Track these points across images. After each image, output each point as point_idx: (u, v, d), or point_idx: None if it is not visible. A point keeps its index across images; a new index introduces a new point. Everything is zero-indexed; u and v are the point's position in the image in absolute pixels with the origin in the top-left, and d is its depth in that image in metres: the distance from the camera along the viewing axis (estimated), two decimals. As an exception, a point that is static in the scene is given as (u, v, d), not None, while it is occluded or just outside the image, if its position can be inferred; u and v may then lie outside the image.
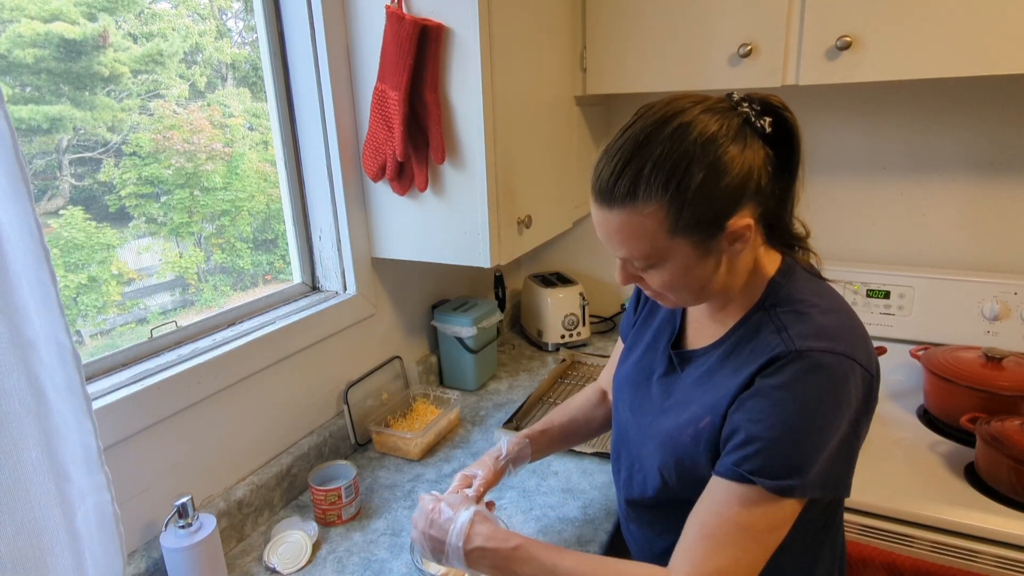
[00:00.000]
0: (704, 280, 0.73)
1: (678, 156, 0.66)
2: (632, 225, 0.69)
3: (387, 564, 1.00)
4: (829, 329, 0.69)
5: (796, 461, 0.66)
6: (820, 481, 0.67)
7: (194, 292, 1.23)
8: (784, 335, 0.69)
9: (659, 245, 0.69)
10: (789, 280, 0.75)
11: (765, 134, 0.70)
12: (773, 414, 0.67)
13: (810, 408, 0.66)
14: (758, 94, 0.72)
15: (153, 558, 0.93)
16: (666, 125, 0.67)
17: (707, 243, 0.69)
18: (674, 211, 0.67)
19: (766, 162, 0.70)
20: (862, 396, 0.68)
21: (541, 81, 1.37)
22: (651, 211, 0.67)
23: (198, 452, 1.03)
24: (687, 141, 0.66)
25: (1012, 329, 1.43)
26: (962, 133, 1.51)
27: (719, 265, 0.73)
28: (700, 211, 0.67)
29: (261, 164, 1.29)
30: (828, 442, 0.66)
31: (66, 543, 0.73)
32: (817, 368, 0.66)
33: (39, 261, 0.68)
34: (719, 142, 0.66)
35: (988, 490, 1.13)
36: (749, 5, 1.34)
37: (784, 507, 0.67)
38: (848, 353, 0.67)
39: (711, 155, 0.66)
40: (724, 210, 0.68)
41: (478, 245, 1.23)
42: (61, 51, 0.96)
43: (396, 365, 1.49)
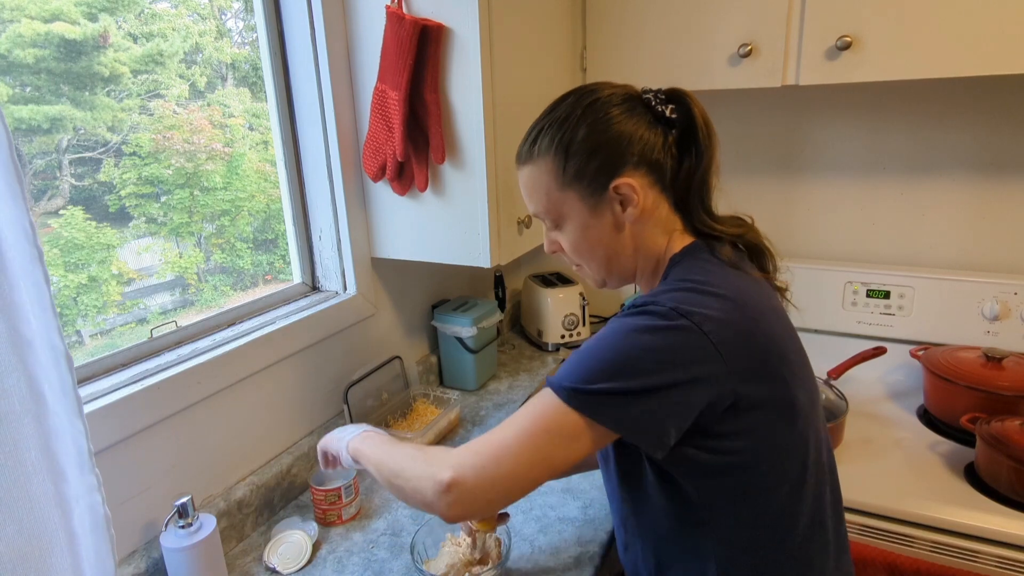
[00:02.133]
0: (610, 249, 0.79)
1: (567, 116, 0.76)
2: (532, 179, 0.81)
3: (387, 564, 1.00)
4: (686, 296, 0.69)
5: (582, 372, 0.68)
6: (608, 413, 0.67)
7: (194, 292, 1.23)
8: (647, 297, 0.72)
9: (553, 198, 0.79)
10: (688, 259, 0.77)
11: (668, 119, 0.76)
12: (591, 339, 0.72)
13: (614, 338, 0.68)
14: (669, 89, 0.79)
15: (153, 558, 0.93)
16: (569, 95, 0.78)
17: (596, 199, 0.76)
18: (560, 163, 0.77)
19: (665, 142, 0.76)
20: (684, 353, 0.66)
21: (541, 81, 1.37)
22: (544, 163, 0.78)
23: (198, 452, 1.03)
24: (579, 105, 0.76)
25: (1012, 329, 1.43)
26: (962, 133, 1.51)
27: (621, 235, 0.78)
28: (582, 163, 0.75)
29: (261, 164, 1.29)
30: (621, 372, 0.66)
31: (65, 543, 0.73)
32: (640, 313, 0.69)
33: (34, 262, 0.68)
34: (605, 105, 0.75)
35: (988, 490, 1.13)
36: (749, 5, 1.34)
37: (565, 414, 0.68)
38: (686, 313, 0.66)
39: (594, 115, 0.75)
40: (606, 164, 0.75)
41: (478, 245, 1.23)
42: (61, 51, 0.96)
43: (396, 365, 1.49)
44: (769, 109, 1.68)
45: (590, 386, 0.67)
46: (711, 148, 0.77)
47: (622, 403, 0.67)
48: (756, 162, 1.73)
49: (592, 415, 0.67)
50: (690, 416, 0.68)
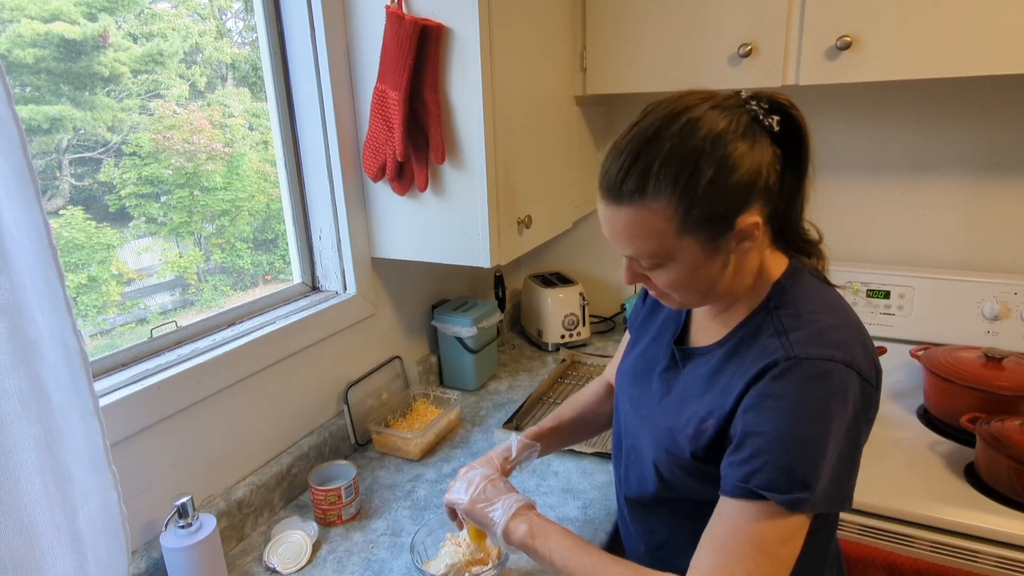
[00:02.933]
0: (711, 280, 0.72)
1: (687, 152, 0.65)
2: (639, 223, 0.68)
3: (387, 564, 1.00)
4: (829, 336, 0.68)
5: (803, 473, 0.65)
6: (825, 494, 0.66)
7: (194, 292, 1.23)
8: (784, 339, 0.69)
9: (667, 244, 0.69)
10: (794, 283, 0.75)
11: (772, 132, 0.69)
12: (776, 427, 0.66)
13: (812, 419, 0.65)
14: (765, 92, 0.71)
15: (153, 558, 0.93)
16: (675, 121, 0.66)
17: (716, 242, 0.68)
18: (683, 209, 0.66)
19: (774, 161, 0.69)
20: (860, 406, 0.68)
21: (541, 81, 1.37)
22: (659, 208, 0.66)
23: (198, 452, 1.03)
24: (696, 137, 0.65)
25: (1012, 329, 1.43)
26: (962, 133, 1.51)
27: (727, 265, 0.72)
28: (709, 209, 0.66)
29: (261, 164, 1.29)
30: (828, 453, 0.65)
31: (67, 544, 0.73)
32: (817, 377, 0.66)
33: (47, 260, 0.68)
34: (728, 139, 0.65)
35: (988, 490, 1.13)
36: (749, 5, 1.34)
37: (793, 520, 0.66)
38: (848, 361, 0.66)
39: (720, 152, 0.65)
40: (733, 207, 0.67)
41: (478, 245, 1.23)
42: (61, 51, 0.96)
43: (396, 365, 1.49)
44: (769, 109, 1.68)
45: (808, 493, 0.65)
46: (810, 159, 0.72)
47: (836, 482, 0.67)
48: (756, 162, 1.73)
49: (815, 510, 0.67)
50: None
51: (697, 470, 0.75)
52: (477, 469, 0.93)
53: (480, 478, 0.89)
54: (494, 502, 0.85)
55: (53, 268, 0.68)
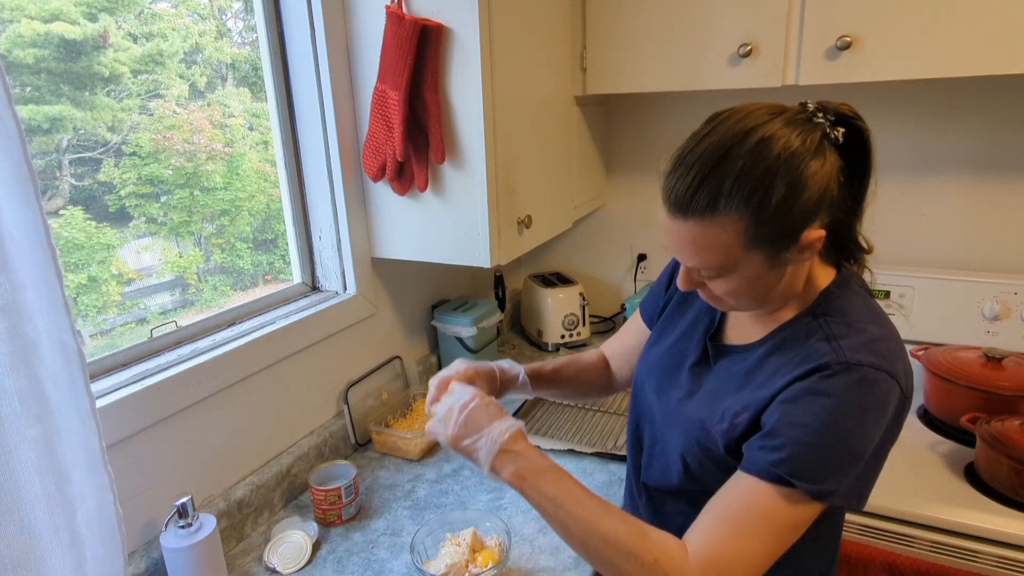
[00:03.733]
0: (768, 288, 0.74)
1: (762, 171, 0.65)
2: (708, 237, 0.69)
3: (387, 564, 1.00)
4: (879, 346, 0.70)
5: (833, 468, 0.67)
6: (850, 491, 0.69)
7: (194, 292, 1.23)
8: (835, 344, 0.71)
9: (733, 257, 0.69)
10: (843, 293, 0.76)
11: (838, 144, 0.69)
12: (817, 420, 0.67)
13: (853, 420, 0.67)
14: (831, 104, 0.71)
15: (153, 558, 0.93)
16: (747, 138, 0.66)
17: (780, 255, 0.70)
18: (752, 225, 0.67)
19: (839, 173, 0.69)
20: (896, 414, 0.71)
21: (541, 81, 1.37)
22: (729, 224, 0.67)
23: (198, 452, 1.03)
24: (771, 156, 0.65)
25: (1012, 329, 1.43)
26: (962, 133, 1.51)
27: (786, 275, 0.73)
28: (779, 226, 0.67)
29: (261, 164, 1.29)
30: (864, 455, 0.68)
31: (66, 544, 0.73)
32: (864, 382, 0.68)
33: (46, 260, 0.68)
34: (802, 157, 0.66)
35: (988, 490, 1.13)
36: (749, 5, 1.34)
37: (808, 509, 0.69)
38: (892, 372, 0.69)
39: (794, 171, 0.65)
40: (801, 224, 0.68)
41: (478, 245, 1.23)
42: (61, 51, 0.96)
43: (396, 365, 1.49)
44: (769, 109, 1.68)
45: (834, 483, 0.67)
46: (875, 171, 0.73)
47: (856, 480, 0.69)
48: (756, 162, 1.73)
49: (838, 503, 0.69)
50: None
51: (726, 463, 0.76)
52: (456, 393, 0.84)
53: (459, 408, 0.81)
54: (478, 436, 0.79)
55: (52, 268, 0.68)
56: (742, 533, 0.68)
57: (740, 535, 0.68)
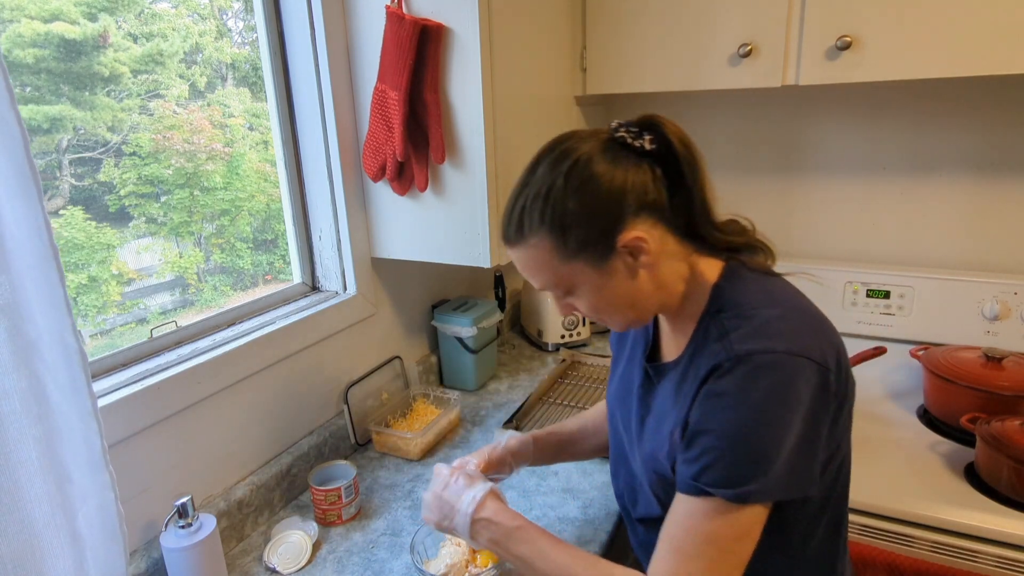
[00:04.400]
0: (629, 298, 0.75)
1: (549, 187, 0.70)
2: (530, 259, 0.75)
3: (387, 564, 1.00)
4: (772, 328, 0.68)
5: (750, 467, 0.65)
6: (780, 483, 0.66)
7: (194, 292, 1.23)
8: (725, 341, 0.69)
9: (560, 272, 0.73)
10: (733, 283, 0.75)
11: (647, 151, 0.71)
12: (721, 423, 0.66)
13: (757, 412, 0.65)
14: (635, 118, 0.74)
15: (153, 558, 0.93)
16: (541, 162, 0.72)
17: (605, 261, 0.71)
18: (558, 238, 0.71)
19: (653, 178, 0.71)
20: (816, 391, 0.67)
21: (541, 81, 1.37)
22: (538, 243, 0.72)
23: (198, 452, 1.03)
24: (556, 171, 0.70)
25: (1012, 329, 1.43)
26: (962, 133, 1.51)
27: (637, 280, 0.73)
28: (583, 232, 0.70)
29: (261, 164, 1.29)
30: (782, 443, 0.65)
31: (67, 544, 0.73)
32: (759, 371, 0.66)
33: (47, 260, 0.68)
34: (586, 166, 0.69)
35: (988, 490, 1.13)
36: (749, 5, 1.34)
37: (746, 514, 0.67)
38: (793, 350, 0.66)
39: (577, 180, 0.69)
40: (608, 227, 0.70)
41: (478, 245, 1.23)
42: (61, 51, 0.96)
43: (396, 365, 1.49)
44: (769, 109, 1.68)
45: (759, 482, 0.65)
46: (698, 167, 0.73)
47: (789, 471, 0.66)
48: (756, 162, 1.73)
49: (769, 499, 0.67)
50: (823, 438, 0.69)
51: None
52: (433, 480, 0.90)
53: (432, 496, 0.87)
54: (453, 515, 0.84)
55: (54, 268, 0.68)
56: (690, 558, 0.67)
57: (688, 560, 0.67)
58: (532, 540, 0.78)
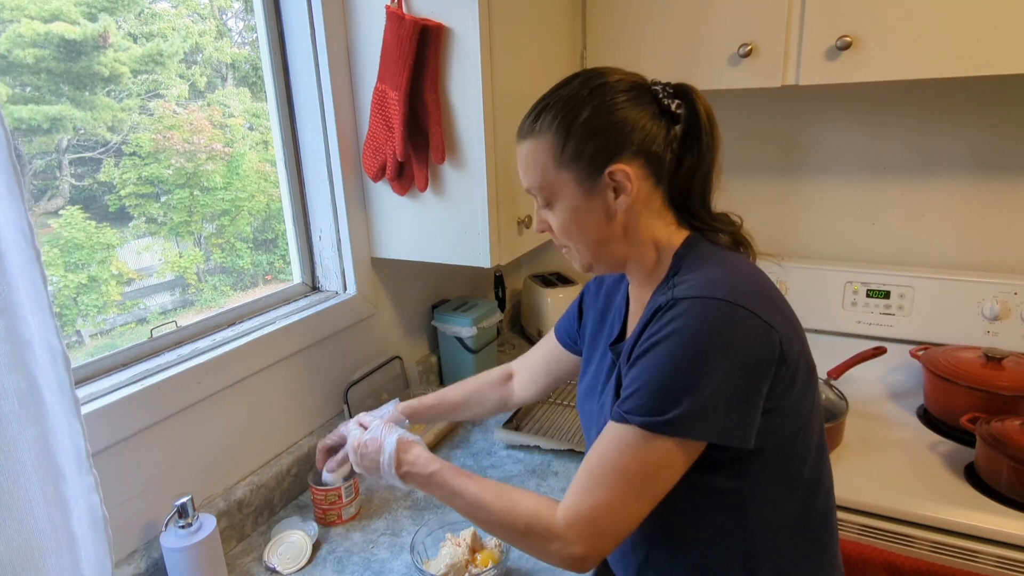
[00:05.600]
0: (598, 233, 0.78)
1: (573, 95, 0.75)
2: (531, 153, 0.78)
3: (387, 564, 1.00)
4: (715, 281, 0.69)
5: (665, 399, 0.66)
6: (698, 423, 0.66)
7: (194, 292, 1.23)
8: (670, 291, 0.71)
9: (548, 176, 0.77)
10: (692, 250, 0.77)
11: (673, 113, 0.75)
12: (650, 358, 0.68)
13: (682, 348, 0.66)
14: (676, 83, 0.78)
15: (153, 558, 0.93)
16: (578, 76, 0.78)
17: (590, 184, 0.75)
18: (560, 141, 0.75)
19: (667, 136, 0.75)
20: (753, 343, 0.66)
21: (541, 81, 1.37)
22: (544, 140, 0.76)
23: (198, 452, 1.03)
24: (586, 87, 0.75)
25: (1012, 329, 1.43)
26: (962, 133, 1.51)
27: (612, 222, 0.77)
28: (581, 144, 0.74)
29: (261, 164, 1.29)
30: (703, 382, 0.65)
31: (64, 543, 0.73)
32: (691, 310, 0.67)
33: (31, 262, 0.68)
34: (611, 90, 0.74)
35: (988, 490, 1.13)
36: (749, 5, 1.34)
37: (658, 447, 0.67)
38: (731, 299, 0.67)
39: (599, 98, 0.74)
40: (604, 149, 0.73)
41: (478, 245, 1.23)
42: (61, 51, 0.96)
43: (396, 365, 1.49)
44: (769, 109, 1.68)
45: (676, 411, 0.65)
46: (714, 147, 0.76)
47: (711, 411, 0.66)
48: (756, 162, 1.73)
49: (686, 436, 0.67)
50: (765, 394, 0.68)
51: None
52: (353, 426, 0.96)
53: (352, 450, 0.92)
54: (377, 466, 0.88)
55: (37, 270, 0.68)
56: (597, 484, 0.69)
57: (596, 486, 0.69)
58: (446, 482, 0.81)
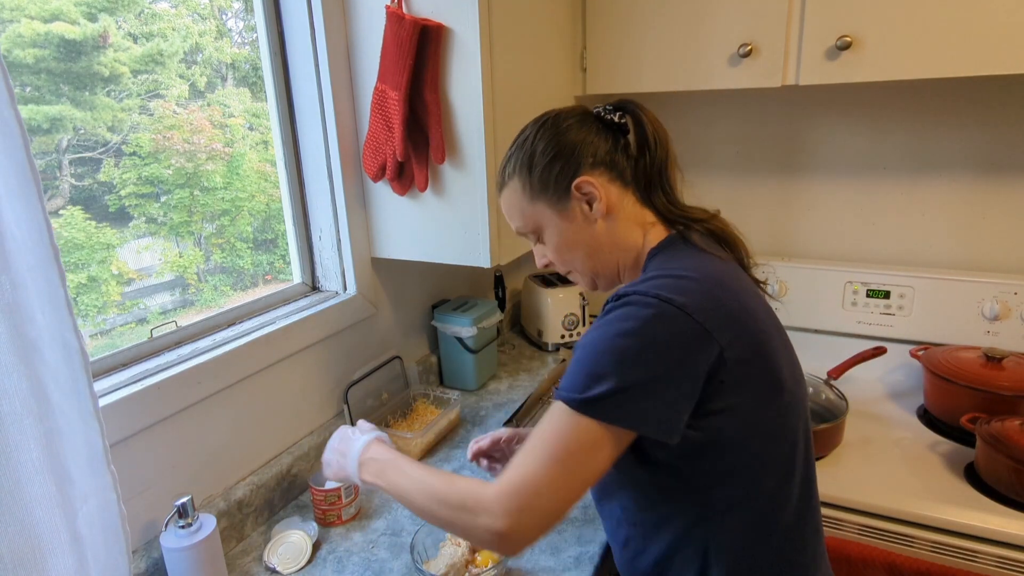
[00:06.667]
0: (587, 245, 0.84)
1: (526, 138, 0.84)
2: (508, 200, 0.87)
3: (387, 564, 1.00)
4: (665, 282, 0.72)
5: (588, 379, 0.68)
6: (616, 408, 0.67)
7: (194, 292, 1.23)
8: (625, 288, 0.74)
9: (527, 212, 0.85)
10: (664, 250, 0.81)
11: (618, 124, 0.83)
12: (586, 343, 0.72)
13: (613, 336, 0.69)
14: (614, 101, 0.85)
15: (153, 558, 0.93)
16: (530, 123, 0.86)
17: (564, 204, 0.82)
18: (525, 179, 0.83)
19: (615, 144, 0.82)
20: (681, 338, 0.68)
21: (541, 81, 1.37)
22: (514, 184, 0.85)
23: (198, 452, 1.03)
24: (536, 127, 0.84)
25: (1012, 329, 1.43)
26: (962, 133, 1.51)
27: (595, 229, 0.83)
28: (544, 174, 0.82)
29: (261, 164, 1.29)
30: (627, 371, 0.67)
31: (67, 544, 0.73)
32: (627, 306, 0.71)
33: (48, 261, 0.68)
34: (557, 121, 0.83)
35: (988, 490, 1.13)
36: (749, 5, 1.34)
37: (583, 427, 0.68)
38: (664, 297, 0.69)
39: (549, 131, 0.82)
40: (564, 170, 0.81)
41: (478, 245, 1.23)
42: (61, 51, 0.96)
43: (396, 365, 1.49)
44: (769, 109, 1.68)
45: (597, 391, 0.67)
46: (663, 142, 0.82)
47: (633, 400, 0.67)
48: (756, 162, 1.73)
49: (607, 419, 0.68)
50: (695, 396, 0.70)
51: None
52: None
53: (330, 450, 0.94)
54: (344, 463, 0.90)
55: (55, 268, 0.68)
56: (528, 458, 0.70)
57: (528, 460, 0.70)
58: (400, 467, 0.83)
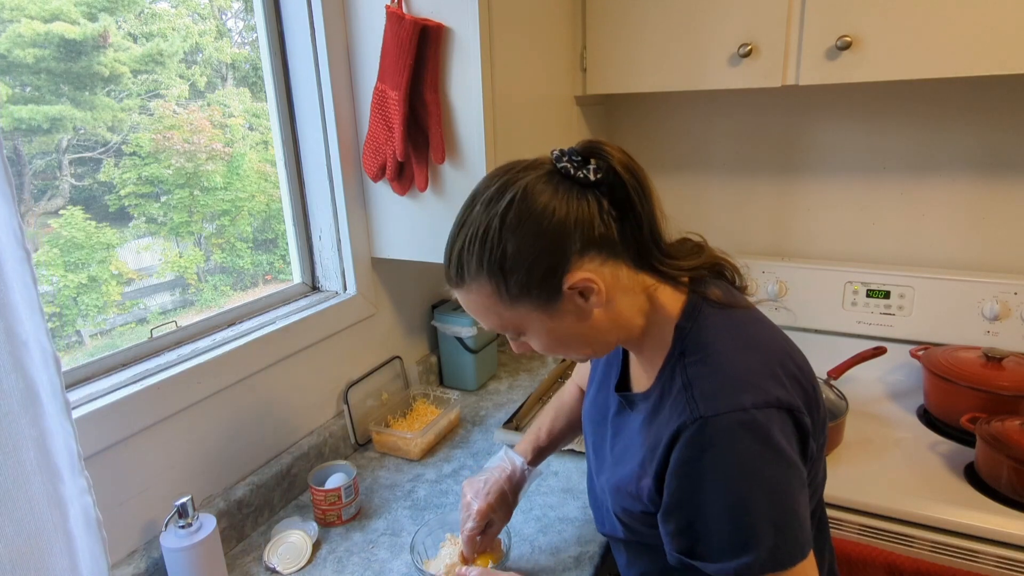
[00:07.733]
0: (583, 337, 0.71)
1: (485, 228, 0.65)
2: (473, 302, 0.70)
3: (387, 564, 1.00)
4: (738, 380, 0.64)
5: (740, 539, 0.61)
6: (775, 551, 0.61)
7: (194, 292, 1.23)
8: (689, 396, 0.65)
9: (506, 316, 0.69)
10: (694, 323, 0.70)
11: (592, 182, 0.65)
12: (700, 494, 0.63)
13: (734, 479, 0.61)
14: (580, 144, 0.68)
15: (153, 558, 0.93)
16: (477, 198, 0.68)
17: (553, 304, 0.67)
18: (498, 283, 0.66)
19: (599, 210, 0.65)
20: (792, 437, 0.64)
21: (541, 81, 1.37)
22: (480, 288, 0.67)
23: (198, 452, 1.03)
24: (492, 210, 0.65)
25: (1012, 329, 1.43)
26: (962, 133, 1.51)
27: (591, 320, 0.69)
28: (524, 277, 0.65)
29: (261, 164, 1.29)
30: (765, 507, 0.61)
31: (63, 543, 0.73)
32: (729, 432, 0.61)
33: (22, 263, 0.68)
34: (522, 204, 0.64)
35: (988, 490, 1.13)
36: (749, 5, 1.34)
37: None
38: (761, 403, 0.62)
39: (516, 219, 0.64)
40: (550, 269, 0.65)
41: (478, 245, 1.23)
42: (61, 51, 0.96)
43: (396, 365, 1.49)
44: (769, 109, 1.68)
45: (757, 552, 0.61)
46: (645, 195, 0.67)
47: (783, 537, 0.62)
48: (756, 162, 1.73)
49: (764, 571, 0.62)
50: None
51: (653, 522, 0.72)
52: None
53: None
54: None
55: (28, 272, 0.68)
56: None
57: None
58: None
